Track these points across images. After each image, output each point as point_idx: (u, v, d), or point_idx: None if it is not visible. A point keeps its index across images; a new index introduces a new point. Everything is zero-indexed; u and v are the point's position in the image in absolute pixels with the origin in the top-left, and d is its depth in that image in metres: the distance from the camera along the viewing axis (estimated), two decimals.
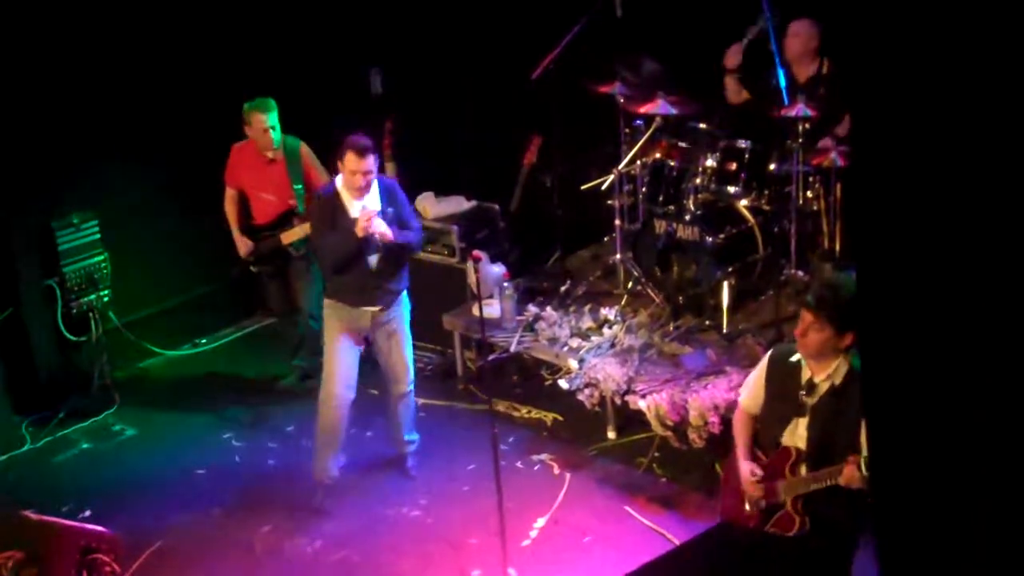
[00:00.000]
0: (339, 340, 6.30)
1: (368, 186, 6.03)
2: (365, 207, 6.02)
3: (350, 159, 5.95)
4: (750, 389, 5.05)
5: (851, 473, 4.49)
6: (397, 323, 6.40)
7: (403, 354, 6.45)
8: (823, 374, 4.70)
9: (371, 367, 8.02)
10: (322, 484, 6.43)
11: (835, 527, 4.71)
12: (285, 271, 7.44)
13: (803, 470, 4.74)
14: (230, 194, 7.42)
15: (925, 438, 2.40)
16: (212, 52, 7.98)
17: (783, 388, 4.83)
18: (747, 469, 4.88)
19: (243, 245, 7.42)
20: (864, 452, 4.47)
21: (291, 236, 7.24)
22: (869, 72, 2.30)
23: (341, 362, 6.31)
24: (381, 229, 6.02)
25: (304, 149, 7.27)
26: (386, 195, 6.17)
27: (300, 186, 7.20)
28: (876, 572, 2.61)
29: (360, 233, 5.99)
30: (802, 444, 4.75)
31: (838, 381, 4.68)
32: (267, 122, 7.07)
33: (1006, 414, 2.26)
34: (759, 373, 5.01)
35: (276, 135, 7.12)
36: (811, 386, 4.73)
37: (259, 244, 7.35)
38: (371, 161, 5.98)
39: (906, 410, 2.42)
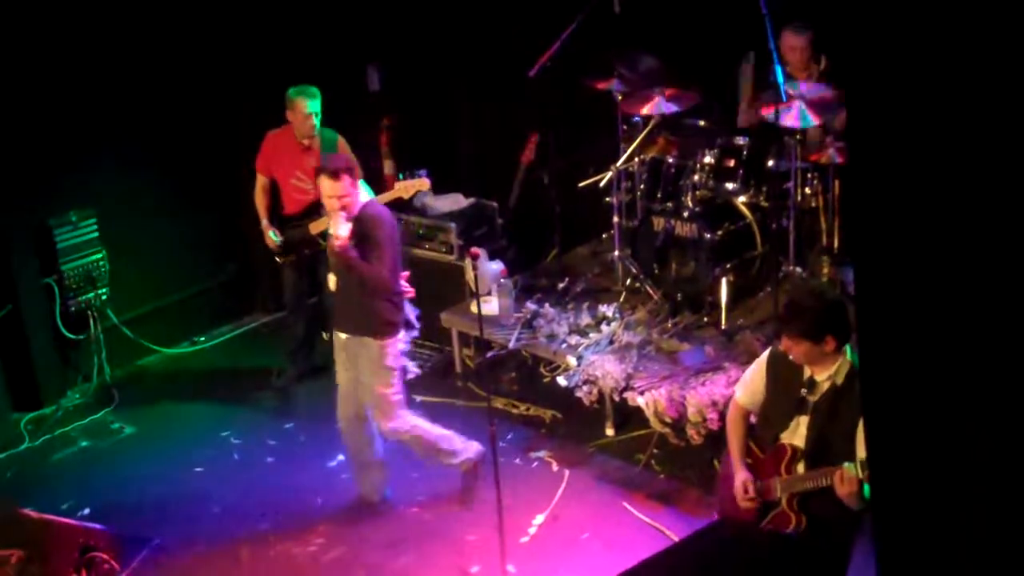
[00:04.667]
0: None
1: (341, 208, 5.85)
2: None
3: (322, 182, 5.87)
4: (748, 386, 5.05)
5: (845, 483, 4.50)
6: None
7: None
8: (824, 374, 4.72)
9: None
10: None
11: (831, 525, 4.72)
12: (311, 262, 7.40)
13: (799, 468, 4.74)
14: (261, 182, 7.33)
15: (923, 436, 2.40)
16: (210, 49, 7.98)
17: (784, 386, 4.84)
18: (740, 482, 4.88)
19: (269, 238, 7.35)
20: (860, 454, 4.50)
21: (320, 226, 7.16)
22: (866, 69, 2.30)
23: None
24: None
25: (341, 141, 7.24)
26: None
27: None
28: (874, 570, 2.61)
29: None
30: (801, 442, 4.76)
31: (840, 380, 4.69)
32: (310, 108, 7.04)
33: (1005, 413, 2.26)
34: (758, 370, 5.01)
35: (317, 122, 7.11)
36: (812, 383, 4.75)
37: (287, 233, 7.30)
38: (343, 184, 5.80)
39: (905, 408, 2.42)
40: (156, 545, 6.15)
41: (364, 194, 6.02)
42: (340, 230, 5.78)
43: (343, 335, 6.12)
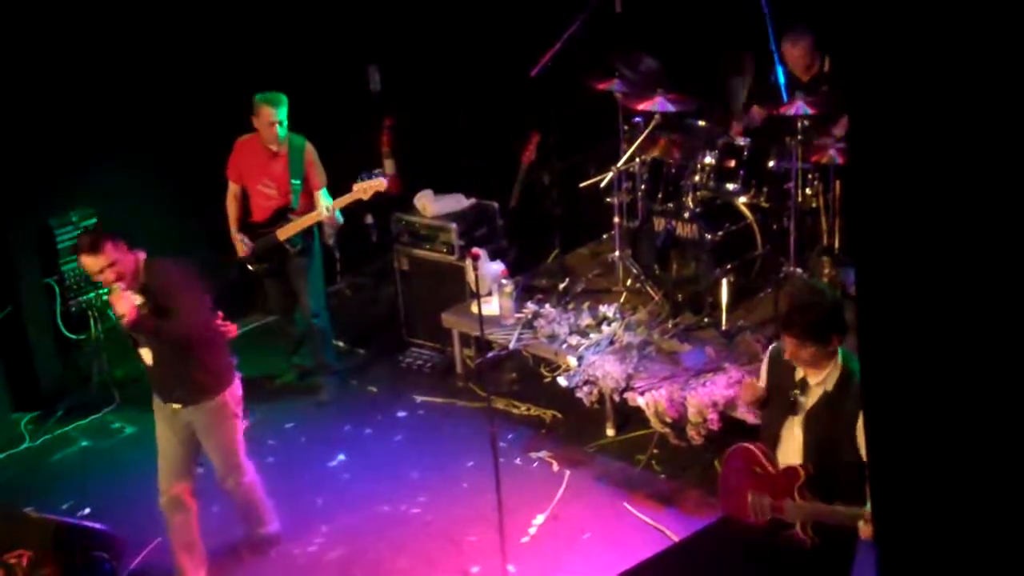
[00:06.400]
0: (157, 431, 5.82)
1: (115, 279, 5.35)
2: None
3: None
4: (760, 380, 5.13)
5: (869, 531, 4.45)
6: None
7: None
8: (816, 378, 4.72)
9: (364, 363, 8.06)
10: None
11: (835, 528, 4.70)
12: (283, 269, 7.43)
13: (809, 494, 4.69)
14: (232, 190, 7.38)
15: (925, 438, 2.40)
16: (211, 49, 7.97)
17: (780, 385, 4.87)
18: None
19: (240, 246, 7.39)
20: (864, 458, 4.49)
21: (287, 232, 7.23)
22: (867, 69, 2.30)
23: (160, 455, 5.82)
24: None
25: (309, 147, 7.25)
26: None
27: (298, 182, 7.19)
28: (875, 572, 2.61)
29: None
30: (798, 444, 4.75)
31: (831, 387, 4.69)
32: (275, 116, 7.03)
33: (1006, 416, 2.26)
34: (762, 371, 5.07)
35: (282, 130, 7.10)
36: (804, 385, 4.75)
37: (257, 243, 7.34)
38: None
39: (906, 410, 2.42)
40: (156, 545, 6.16)
41: (140, 254, 5.50)
42: (122, 307, 5.29)
43: (174, 406, 5.64)
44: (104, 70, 7.59)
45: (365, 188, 7.06)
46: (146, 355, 5.61)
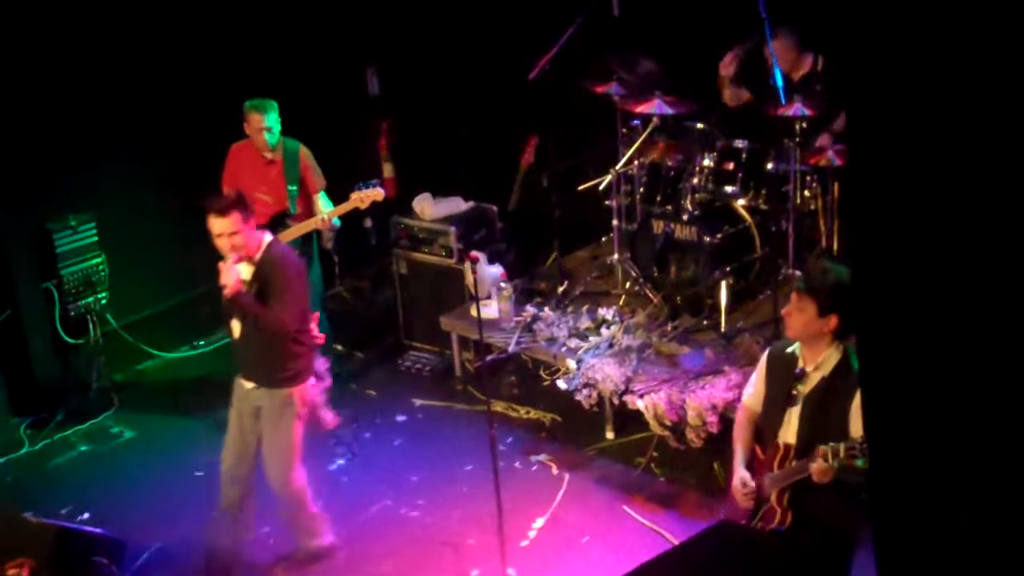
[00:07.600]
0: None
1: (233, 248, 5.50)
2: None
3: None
4: (753, 386, 5.06)
5: (818, 467, 4.48)
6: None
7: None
8: (813, 364, 4.71)
9: (363, 366, 8.06)
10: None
11: (822, 521, 4.69)
12: None
13: (792, 464, 4.72)
14: (226, 192, 7.38)
15: (923, 438, 2.40)
16: (209, 52, 7.98)
17: (780, 380, 4.84)
18: (739, 479, 4.88)
19: None
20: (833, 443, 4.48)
21: (285, 238, 7.21)
22: (865, 69, 2.30)
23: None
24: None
25: (303, 151, 7.24)
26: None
27: (294, 187, 7.18)
28: (875, 570, 2.61)
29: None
30: (793, 437, 4.75)
31: (827, 372, 4.68)
32: (264, 122, 7.03)
33: (1003, 412, 2.26)
34: (759, 370, 5.03)
35: (273, 137, 7.09)
36: (803, 375, 4.74)
37: None
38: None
39: (904, 407, 2.42)
40: (157, 549, 6.16)
41: (265, 233, 5.70)
42: (227, 278, 5.46)
43: (248, 384, 5.76)
44: (103, 74, 7.60)
45: (362, 198, 7.06)
46: (235, 328, 5.75)
